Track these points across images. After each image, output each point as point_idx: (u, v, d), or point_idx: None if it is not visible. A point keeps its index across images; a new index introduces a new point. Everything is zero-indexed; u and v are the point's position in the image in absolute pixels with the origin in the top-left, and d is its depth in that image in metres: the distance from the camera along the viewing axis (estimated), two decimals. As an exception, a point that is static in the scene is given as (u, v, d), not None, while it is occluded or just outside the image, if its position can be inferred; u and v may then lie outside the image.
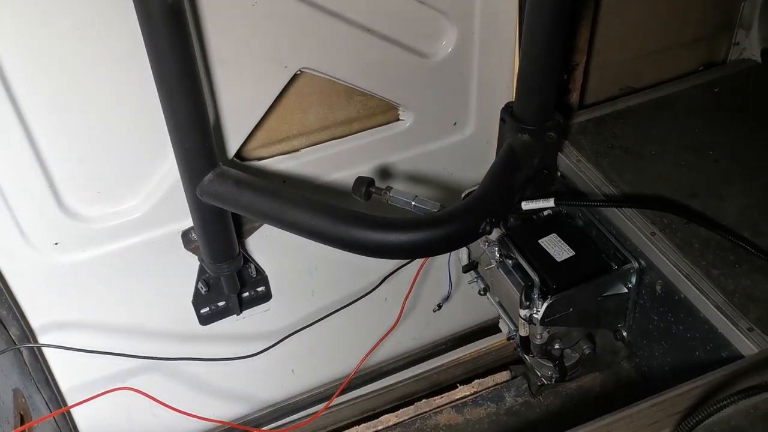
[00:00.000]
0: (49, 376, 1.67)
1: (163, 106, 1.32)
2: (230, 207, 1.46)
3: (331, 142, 1.70)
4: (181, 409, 1.68)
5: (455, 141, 1.82)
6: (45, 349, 1.63)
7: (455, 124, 1.79)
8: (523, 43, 1.44)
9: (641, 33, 1.86)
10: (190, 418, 1.84)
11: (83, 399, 1.62)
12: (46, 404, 1.67)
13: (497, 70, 1.72)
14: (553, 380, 1.69)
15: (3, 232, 1.45)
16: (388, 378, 2.16)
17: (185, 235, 1.63)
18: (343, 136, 1.71)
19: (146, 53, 1.25)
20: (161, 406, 1.68)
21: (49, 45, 1.29)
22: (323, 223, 1.37)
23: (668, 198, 1.54)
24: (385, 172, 1.80)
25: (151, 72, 1.27)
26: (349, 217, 1.36)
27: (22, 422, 1.44)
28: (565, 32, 1.43)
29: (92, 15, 1.29)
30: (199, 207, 1.47)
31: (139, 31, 1.22)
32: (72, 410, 1.73)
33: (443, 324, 2.20)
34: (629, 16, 1.80)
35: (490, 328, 2.21)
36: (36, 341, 1.62)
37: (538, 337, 1.55)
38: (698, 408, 1.06)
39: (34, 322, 1.60)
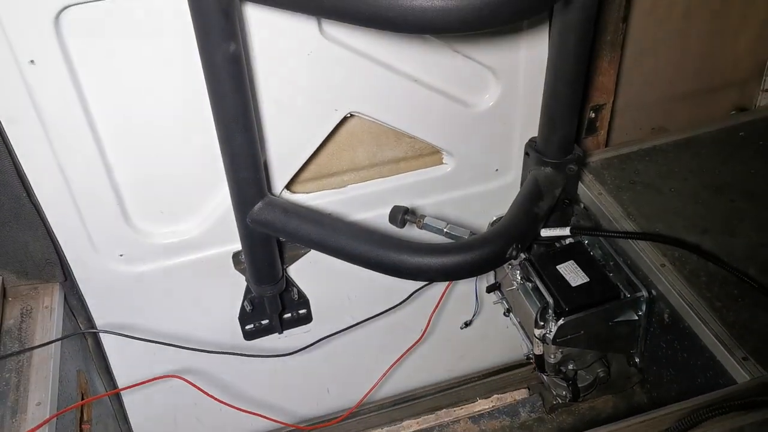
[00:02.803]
0: (108, 364, 1.83)
1: (220, 142, 1.42)
2: (278, 233, 1.56)
3: (376, 180, 1.77)
4: (222, 400, 1.82)
5: (497, 186, 1.86)
6: (104, 344, 1.79)
7: (497, 170, 1.84)
8: (546, 82, 1.54)
9: (671, 76, 1.93)
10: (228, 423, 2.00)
11: (135, 387, 1.79)
12: (105, 389, 1.85)
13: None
14: (567, 399, 1.77)
15: (77, 242, 1.59)
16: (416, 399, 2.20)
17: (235, 256, 1.74)
18: (390, 175, 1.78)
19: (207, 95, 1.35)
20: (205, 402, 1.82)
21: (126, 86, 1.43)
22: (363, 248, 1.46)
23: (680, 233, 1.61)
24: (426, 212, 1.84)
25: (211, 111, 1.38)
26: (387, 242, 1.47)
27: (83, 399, 1.63)
28: (585, 73, 1.51)
29: (164, 60, 1.41)
30: (247, 232, 1.57)
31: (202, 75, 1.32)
32: (124, 402, 1.89)
33: (477, 360, 2.25)
34: (657, 60, 1.87)
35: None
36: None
37: (552, 356, 1.65)
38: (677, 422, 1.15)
39: (98, 320, 1.75)
